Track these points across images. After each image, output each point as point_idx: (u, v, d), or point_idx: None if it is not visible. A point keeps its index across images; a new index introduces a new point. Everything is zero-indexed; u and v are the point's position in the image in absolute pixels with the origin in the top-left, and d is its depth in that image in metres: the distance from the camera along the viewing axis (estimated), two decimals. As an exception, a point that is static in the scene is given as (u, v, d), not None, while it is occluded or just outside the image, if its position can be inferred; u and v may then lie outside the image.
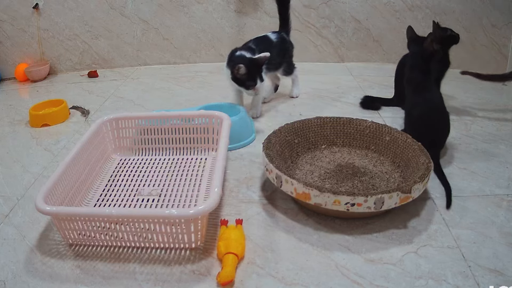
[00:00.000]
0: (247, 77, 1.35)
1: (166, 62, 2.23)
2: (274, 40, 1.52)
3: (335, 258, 0.84)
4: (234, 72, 1.35)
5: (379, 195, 0.86)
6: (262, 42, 1.48)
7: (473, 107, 1.55)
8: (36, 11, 2.05)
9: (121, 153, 1.25)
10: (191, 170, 1.16)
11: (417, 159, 1.02)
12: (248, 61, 1.34)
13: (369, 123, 1.20)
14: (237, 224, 0.91)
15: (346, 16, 2.06)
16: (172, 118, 1.23)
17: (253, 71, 1.34)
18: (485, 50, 1.98)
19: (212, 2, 2.09)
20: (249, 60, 1.35)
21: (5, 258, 0.87)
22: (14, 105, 1.78)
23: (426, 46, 1.22)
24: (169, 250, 0.87)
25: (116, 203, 1.02)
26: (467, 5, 1.94)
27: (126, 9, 2.10)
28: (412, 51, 1.30)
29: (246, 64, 1.32)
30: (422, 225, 0.93)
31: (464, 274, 0.79)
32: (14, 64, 2.13)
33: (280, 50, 1.53)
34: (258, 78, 1.36)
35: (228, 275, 0.76)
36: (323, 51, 2.14)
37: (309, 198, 0.89)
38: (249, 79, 1.35)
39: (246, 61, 1.34)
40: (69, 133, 1.47)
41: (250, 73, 1.34)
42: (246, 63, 1.33)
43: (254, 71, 1.35)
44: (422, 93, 1.22)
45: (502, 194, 1.04)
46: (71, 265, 0.84)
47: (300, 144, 1.19)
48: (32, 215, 1.01)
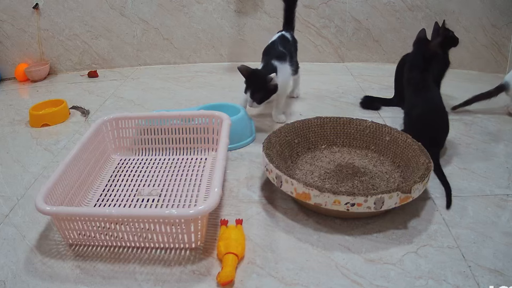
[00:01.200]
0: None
1: (166, 62, 2.23)
2: (290, 39, 1.51)
3: (335, 258, 0.84)
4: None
5: (379, 195, 0.86)
6: (286, 43, 1.46)
7: (473, 107, 1.54)
8: (36, 11, 2.05)
9: (121, 153, 1.25)
10: (191, 170, 1.16)
11: (417, 159, 1.02)
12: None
13: (369, 123, 1.20)
14: (237, 224, 0.91)
15: (346, 16, 2.06)
16: (172, 118, 1.23)
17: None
18: (485, 50, 1.98)
19: (212, 2, 2.09)
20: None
21: (5, 258, 0.87)
22: (14, 105, 1.78)
23: (432, 46, 1.22)
24: (169, 250, 0.87)
25: (116, 203, 1.02)
26: (467, 5, 1.94)
27: (126, 9, 2.10)
28: (414, 51, 1.29)
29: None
30: (422, 225, 0.93)
31: (464, 274, 0.79)
32: (14, 64, 2.13)
33: (294, 49, 1.52)
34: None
35: (228, 275, 0.76)
36: (323, 51, 2.14)
37: (309, 198, 0.89)
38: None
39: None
40: (69, 133, 1.47)
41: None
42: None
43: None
44: (422, 93, 1.22)
45: (502, 194, 1.04)
46: (71, 265, 0.84)
47: (300, 144, 1.19)
48: (32, 215, 1.01)
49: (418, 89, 1.23)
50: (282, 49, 1.41)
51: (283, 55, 1.39)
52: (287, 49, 1.43)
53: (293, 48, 1.49)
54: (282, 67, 1.36)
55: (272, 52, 1.40)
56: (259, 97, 1.29)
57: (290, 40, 1.50)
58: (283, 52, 1.40)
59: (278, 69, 1.33)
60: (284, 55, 1.40)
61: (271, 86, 1.29)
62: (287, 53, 1.40)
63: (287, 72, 1.39)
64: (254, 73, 1.31)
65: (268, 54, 1.40)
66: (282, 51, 1.41)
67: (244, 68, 1.31)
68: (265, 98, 1.31)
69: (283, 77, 1.36)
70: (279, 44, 1.44)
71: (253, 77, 1.31)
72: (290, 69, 1.41)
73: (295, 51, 1.53)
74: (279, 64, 1.35)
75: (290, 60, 1.41)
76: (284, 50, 1.41)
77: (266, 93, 1.30)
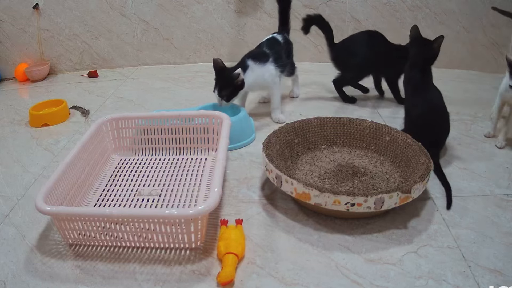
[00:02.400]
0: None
1: (166, 62, 2.23)
2: (281, 41, 1.53)
3: (335, 258, 0.84)
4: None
5: (379, 195, 0.86)
6: (274, 45, 1.49)
7: (473, 107, 1.54)
8: (36, 11, 2.05)
9: (121, 153, 1.25)
10: (191, 170, 1.16)
11: (417, 159, 1.02)
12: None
13: (369, 123, 1.20)
14: (237, 224, 0.91)
15: (346, 16, 2.06)
16: (172, 118, 1.23)
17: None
18: (485, 50, 1.98)
19: (212, 2, 2.09)
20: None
21: (5, 258, 0.87)
22: (14, 105, 1.78)
23: (435, 47, 1.21)
24: (169, 250, 0.87)
25: (116, 203, 1.02)
26: (467, 5, 1.94)
27: (126, 9, 2.10)
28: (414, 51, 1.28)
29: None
30: (422, 225, 0.93)
31: (464, 274, 0.79)
32: (14, 64, 2.13)
33: (286, 51, 1.53)
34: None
35: (228, 275, 0.77)
36: (323, 51, 2.13)
37: (309, 198, 0.89)
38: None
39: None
40: (69, 133, 1.47)
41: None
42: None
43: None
44: (422, 93, 1.22)
45: (502, 194, 1.04)
46: (71, 265, 0.84)
47: (300, 144, 1.19)
48: (32, 215, 1.01)
49: (417, 89, 1.23)
50: (266, 50, 1.45)
51: (262, 56, 1.42)
52: (274, 50, 1.45)
53: (284, 50, 1.51)
54: (257, 66, 1.38)
55: (250, 52, 1.45)
56: (227, 94, 1.33)
57: (282, 43, 1.52)
58: (265, 52, 1.44)
59: (250, 68, 1.37)
60: (266, 55, 1.42)
61: (238, 82, 1.32)
62: (270, 54, 1.43)
63: (267, 71, 1.41)
64: (223, 70, 1.35)
65: (247, 54, 1.43)
66: (263, 52, 1.44)
67: (217, 61, 1.34)
68: (232, 95, 1.34)
69: (258, 76, 1.39)
70: (265, 46, 1.47)
71: (221, 74, 1.35)
72: (275, 69, 1.43)
73: (287, 52, 1.55)
74: (252, 63, 1.38)
75: (276, 61, 1.43)
76: (269, 51, 1.44)
77: (233, 89, 1.33)
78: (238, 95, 1.35)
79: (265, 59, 1.41)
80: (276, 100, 1.47)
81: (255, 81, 1.39)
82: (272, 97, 1.47)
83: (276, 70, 1.44)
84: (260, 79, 1.40)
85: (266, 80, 1.42)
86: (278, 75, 1.46)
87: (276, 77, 1.44)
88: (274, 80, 1.43)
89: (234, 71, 1.32)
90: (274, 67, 1.43)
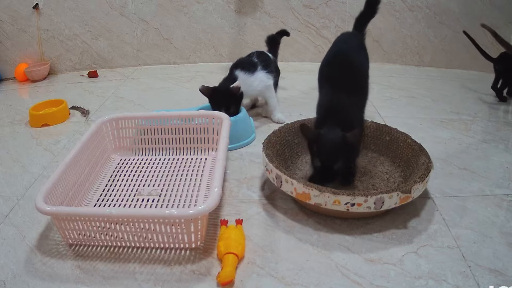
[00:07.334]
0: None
1: (166, 62, 2.23)
2: (271, 57, 1.54)
3: (335, 258, 0.84)
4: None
5: (379, 195, 0.86)
6: (263, 57, 1.49)
7: (473, 107, 1.55)
8: (36, 11, 2.05)
9: (121, 153, 1.25)
10: (191, 170, 1.16)
11: (417, 159, 1.02)
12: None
13: (369, 123, 1.20)
14: (237, 224, 0.91)
15: (346, 16, 2.06)
16: (172, 118, 1.23)
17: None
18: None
19: (212, 2, 2.09)
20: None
21: (5, 258, 0.87)
22: (14, 105, 1.78)
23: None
24: (169, 250, 0.87)
25: (116, 203, 1.02)
26: (467, 5, 1.94)
27: (126, 9, 2.10)
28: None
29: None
30: (422, 225, 0.93)
31: (464, 274, 0.79)
32: (14, 64, 2.13)
33: (274, 65, 1.55)
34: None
35: (228, 275, 0.76)
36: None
37: (309, 198, 0.89)
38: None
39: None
40: (69, 133, 1.47)
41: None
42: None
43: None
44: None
45: (502, 194, 1.04)
46: (71, 265, 0.84)
47: (300, 144, 1.19)
48: (32, 215, 1.01)
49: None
50: (255, 59, 1.45)
51: (251, 65, 1.42)
52: (261, 59, 1.45)
53: (272, 65, 1.50)
54: (245, 76, 1.39)
55: (237, 63, 1.45)
56: (235, 110, 1.34)
57: (271, 58, 1.54)
58: (254, 62, 1.44)
59: (239, 78, 1.37)
60: (254, 64, 1.43)
61: (239, 93, 1.34)
62: (258, 63, 1.43)
63: (256, 79, 1.41)
64: (216, 91, 1.36)
65: (234, 64, 1.44)
66: (252, 61, 1.44)
67: (205, 88, 1.35)
68: (239, 106, 1.37)
69: (249, 86, 1.39)
70: (254, 56, 1.47)
71: (218, 94, 1.35)
72: (266, 76, 1.43)
73: (275, 68, 1.54)
74: (241, 73, 1.39)
75: (265, 68, 1.43)
76: (257, 60, 1.45)
77: (238, 102, 1.36)
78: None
79: (254, 69, 1.41)
80: (273, 102, 1.46)
81: (246, 91, 1.39)
82: (268, 101, 1.46)
83: (267, 77, 1.43)
84: (250, 88, 1.40)
85: (256, 89, 1.42)
86: (271, 82, 1.45)
87: (267, 83, 1.43)
88: (267, 87, 1.43)
89: (227, 87, 1.33)
90: (264, 74, 1.42)
